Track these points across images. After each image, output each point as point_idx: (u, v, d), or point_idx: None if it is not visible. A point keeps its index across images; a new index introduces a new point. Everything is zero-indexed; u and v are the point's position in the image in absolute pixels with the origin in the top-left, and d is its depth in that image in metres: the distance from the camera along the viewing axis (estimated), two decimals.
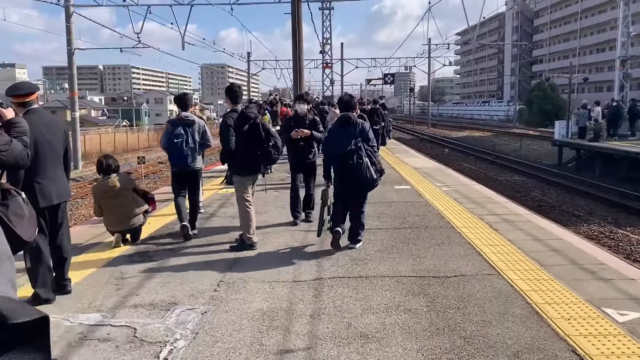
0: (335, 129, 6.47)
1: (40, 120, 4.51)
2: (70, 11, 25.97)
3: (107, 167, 6.37)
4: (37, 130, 4.40)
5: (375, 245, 6.34)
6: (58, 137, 4.65)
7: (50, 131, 4.57)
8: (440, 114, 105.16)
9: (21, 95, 4.47)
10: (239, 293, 4.81)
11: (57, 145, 4.63)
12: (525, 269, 5.28)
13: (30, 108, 4.51)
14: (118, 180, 6.36)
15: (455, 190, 10.17)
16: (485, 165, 25.56)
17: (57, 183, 4.64)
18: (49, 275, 4.69)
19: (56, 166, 4.65)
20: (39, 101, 4.71)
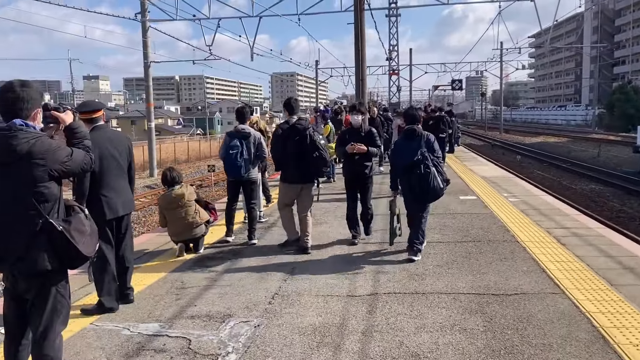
0: (401, 141, 6.65)
1: (104, 136, 4.75)
2: (147, 26, 27.10)
3: (171, 179, 6.58)
4: (102, 145, 4.65)
5: (435, 260, 6.20)
6: (122, 151, 4.86)
7: (113, 146, 4.79)
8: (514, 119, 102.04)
9: (88, 112, 4.73)
10: (293, 306, 4.83)
11: (121, 159, 4.84)
12: (593, 289, 5.01)
13: (96, 125, 4.75)
14: (181, 191, 6.55)
15: (523, 201, 9.81)
16: (559, 173, 24.51)
17: (122, 195, 4.84)
18: (113, 285, 4.88)
19: (121, 179, 4.86)
20: (104, 118, 4.93)
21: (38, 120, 3.03)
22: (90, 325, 4.55)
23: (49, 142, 2.92)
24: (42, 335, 3.00)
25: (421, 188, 6.15)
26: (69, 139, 3.08)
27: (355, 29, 11.30)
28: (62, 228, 2.90)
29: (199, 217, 6.63)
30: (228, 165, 7.10)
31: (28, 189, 2.85)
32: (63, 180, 3.07)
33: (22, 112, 2.92)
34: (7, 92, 2.92)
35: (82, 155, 3.09)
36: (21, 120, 2.88)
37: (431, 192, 6.16)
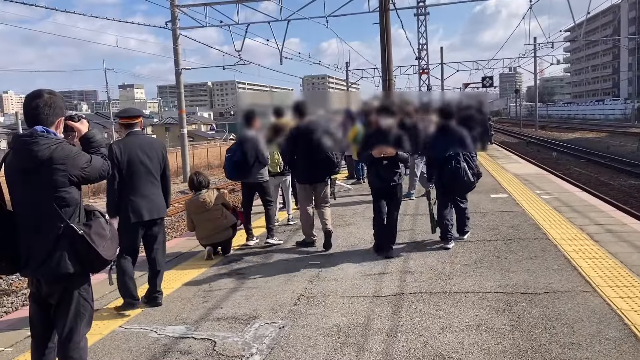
0: (436, 135, 6.89)
1: (135, 142, 4.87)
2: (177, 34, 27.53)
3: (198, 183, 6.67)
4: (132, 152, 4.82)
5: (463, 259, 6.12)
6: (153, 158, 4.96)
7: (144, 152, 4.89)
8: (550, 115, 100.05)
9: (127, 118, 4.89)
10: (318, 308, 4.83)
11: (152, 165, 4.95)
12: (626, 286, 4.86)
13: (132, 130, 4.89)
14: (208, 196, 6.63)
15: (557, 198, 9.60)
16: (597, 168, 23.89)
17: (150, 201, 4.94)
18: (132, 284, 5.04)
19: (150, 185, 4.95)
20: (141, 125, 5.07)
21: (60, 129, 3.11)
22: (119, 328, 4.65)
23: (69, 148, 2.99)
24: (67, 337, 3.07)
25: (451, 182, 6.62)
26: (85, 148, 3.15)
27: (380, 28, 11.26)
28: (83, 232, 2.97)
29: (226, 221, 6.70)
30: (224, 167, 7.37)
31: (49, 194, 2.92)
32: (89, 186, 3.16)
33: (46, 120, 3.00)
34: (34, 99, 3.01)
35: (101, 162, 3.16)
36: (42, 127, 2.96)
37: (461, 186, 6.68)
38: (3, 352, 4.31)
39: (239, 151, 7.01)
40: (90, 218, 3.15)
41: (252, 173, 7.12)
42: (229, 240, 6.84)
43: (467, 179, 6.56)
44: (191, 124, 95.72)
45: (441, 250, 6.55)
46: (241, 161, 6.98)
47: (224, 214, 6.71)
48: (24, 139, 2.92)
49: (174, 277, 6.09)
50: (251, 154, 7.02)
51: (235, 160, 7.00)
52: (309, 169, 6.99)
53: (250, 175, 7.12)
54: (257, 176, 7.23)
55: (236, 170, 7.05)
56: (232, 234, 6.85)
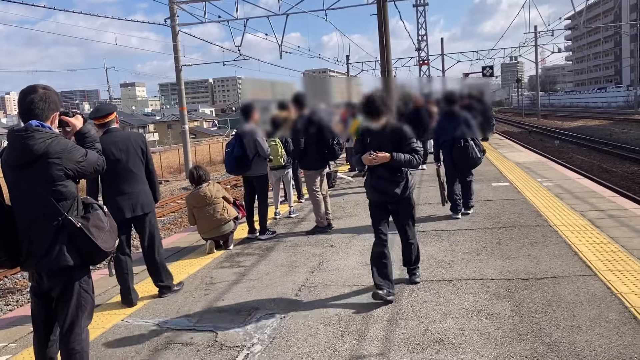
0: (442, 120, 7.59)
1: (109, 139, 4.81)
2: (176, 30, 27.49)
3: (198, 177, 6.68)
4: (106, 150, 4.76)
5: (464, 247, 6.13)
6: (130, 153, 4.90)
7: (118, 148, 4.84)
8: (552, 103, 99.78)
9: (100, 117, 4.85)
10: (319, 298, 4.85)
11: (129, 161, 4.90)
12: (627, 269, 4.86)
13: (107, 128, 4.87)
14: (209, 189, 6.64)
15: (558, 185, 9.58)
16: (600, 156, 23.83)
17: (131, 198, 4.91)
18: (130, 281, 5.07)
19: (129, 182, 4.92)
20: (117, 121, 5.04)
21: (55, 124, 3.12)
22: (121, 321, 4.67)
23: (65, 142, 3.00)
24: (68, 329, 3.09)
25: (461, 158, 7.45)
26: (80, 143, 3.16)
27: (378, 19, 11.22)
28: (81, 225, 2.99)
29: (227, 214, 6.71)
30: (224, 162, 7.43)
31: (46, 188, 2.94)
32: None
33: (41, 114, 3.01)
34: (28, 94, 3.02)
35: (96, 157, 3.17)
36: (37, 121, 2.97)
37: (471, 161, 7.54)
38: (7, 347, 4.34)
39: (238, 145, 7.02)
40: (88, 211, 3.17)
41: (252, 167, 7.13)
42: (230, 234, 6.86)
43: (474, 154, 7.43)
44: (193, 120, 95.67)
45: (445, 231, 6.55)
46: (241, 155, 6.99)
47: (225, 207, 6.72)
48: (19, 134, 2.93)
49: (176, 271, 6.09)
50: (250, 148, 7.04)
51: (235, 155, 7.02)
52: (318, 156, 7.36)
53: (250, 169, 7.14)
54: (256, 170, 7.24)
55: (236, 165, 7.06)
56: (233, 227, 6.86)
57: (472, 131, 7.41)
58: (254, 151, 7.08)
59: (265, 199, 7.48)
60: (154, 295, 5.26)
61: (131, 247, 5.26)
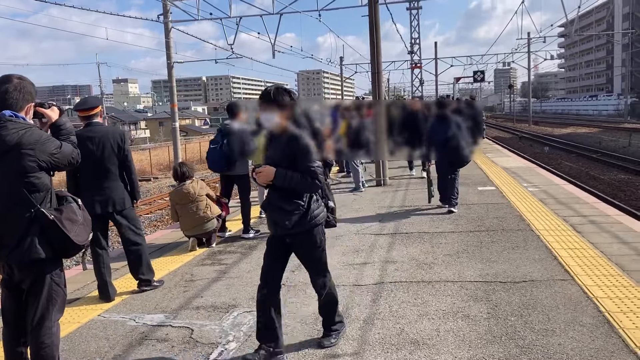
0: (435, 122, 7.83)
1: (87, 134, 4.79)
2: (169, 27, 27.39)
3: (182, 174, 6.66)
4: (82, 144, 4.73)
5: (445, 249, 6.15)
6: (106, 149, 4.87)
7: (94, 143, 4.82)
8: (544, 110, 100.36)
9: (85, 110, 4.82)
10: (298, 296, 4.84)
11: (104, 157, 4.87)
12: (604, 274, 4.90)
13: (90, 122, 4.84)
14: (192, 186, 6.62)
15: (543, 190, 9.64)
16: (588, 163, 23.99)
17: (104, 193, 4.89)
18: (107, 275, 5.03)
19: (102, 178, 4.90)
20: (102, 114, 5.02)
21: (30, 114, 3.10)
22: (98, 316, 4.65)
23: (38, 133, 2.98)
24: (38, 322, 3.07)
25: (453, 157, 8.04)
26: (55, 136, 3.13)
27: (369, 21, 11.24)
28: (54, 217, 2.97)
29: (210, 212, 6.69)
30: (208, 159, 7.28)
31: (19, 179, 2.91)
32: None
33: (16, 104, 2.99)
34: (3, 84, 2.99)
35: (70, 149, 3.15)
36: (11, 111, 2.95)
37: (461, 159, 8.23)
38: None
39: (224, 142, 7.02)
40: (62, 203, 3.15)
41: (236, 165, 7.14)
42: (213, 232, 6.84)
43: (465, 154, 8.08)
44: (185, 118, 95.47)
45: (428, 234, 6.57)
46: (228, 152, 6.99)
47: (208, 204, 6.71)
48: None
49: (157, 267, 6.06)
50: (237, 146, 7.03)
51: (224, 151, 7.01)
52: None
53: (234, 167, 7.14)
54: (239, 169, 7.25)
55: (221, 162, 7.06)
56: (216, 225, 6.85)
57: (463, 133, 7.89)
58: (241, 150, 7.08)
59: (247, 197, 7.47)
60: (132, 290, 5.24)
61: (109, 242, 5.23)
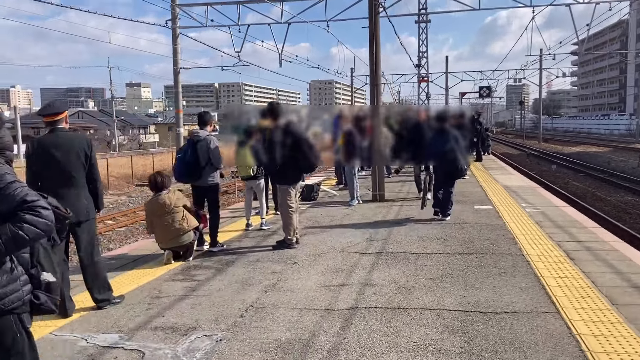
0: (434, 135, 8.42)
1: (51, 140, 4.58)
2: (177, 33, 27.36)
3: (157, 184, 6.41)
4: (45, 150, 4.58)
5: (429, 272, 5.84)
6: (71, 157, 4.63)
7: (58, 150, 4.59)
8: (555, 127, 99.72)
9: (48, 115, 4.59)
10: (264, 320, 4.56)
11: (68, 165, 4.63)
12: (592, 308, 4.57)
13: (55, 127, 4.61)
14: (169, 197, 6.37)
15: (542, 212, 9.30)
16: (595, 183, 23.55)
17: (67, 203, 4.61)
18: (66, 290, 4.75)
19: (67, 186, 4.64)
20: (67, 120, 4.78)
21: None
22: (49, 334, 4.39)
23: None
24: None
25: (450, 169, 8.61)
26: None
27: (369, 34, 11.00)
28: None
29: (187, 224, 6.43)
30: (173, 168, 7.06)
31: None
32: None
33: None
34: None
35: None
36: None
37: (457, 172, 8.71)
38: None
39: (191, 152, 6.78)
40: None
41: (203, 176, 6.90)
42: (190, 245, 6.57)
43: (460, 166, 8.65)
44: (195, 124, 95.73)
45: (414, 254, 6.27)
46: (193, 162, 6.76)
47: (185, 216, 6.45)
48: None
49: (126, 281, 5.83)
50: (204, 156, 6.80)
51: (187, 161, 6.78)
52: (294, 169, 7.09)
53: (202, 178, 6.90)
54: (207, 180, 7.01)
55: (186, 171, 6.82)
56: (193, 237, 6.58)
57: (460, 147, 8.39)
58: (207, 159, 6.85)
59: (216, 209, 7.22)
60: (93, 307, 4.98)
61: (69, 255, 4.98)
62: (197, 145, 6.85)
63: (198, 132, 7.03)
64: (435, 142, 8.42)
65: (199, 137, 6.93)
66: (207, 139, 6.96)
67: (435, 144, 8.41)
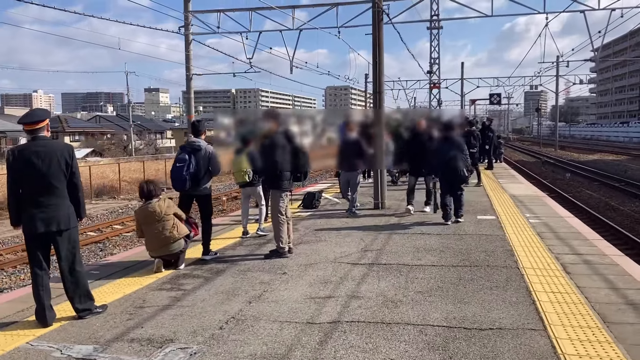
0: (440, 143, 9.25)
1: (32, 148, 4.56)
2: (189, 39, 27.51)
3: (148, 192, 6.37)
4: (26, 158, 4.55)
5: (420, 285, 5.72)
6: (52, 165, 4.59)
7: (39, 158, 4.55)
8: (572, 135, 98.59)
9: (29, 123, 4.57)
10: (242, 333, 4.47)
11: (49, 173, 4.59)
12: (581, 326, 4.42)
13: (35, 135, 4.59)
14: (159, 205, 6.33)
15: (545, 223, 9.11)
16: (610, 192, 23.13)
17: (47, 211, 4.61)
18: (43, 296, 4.72)
19: (47, 194, 4.61)
20: (48, 128, 4.76)
21: None
22: (25, 344, 4.34)
23: None
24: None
25: (451, 176, 9.16)
26: None
27: (373, 42, 10.90)
28: None
29: (177, 232, 6.38)
30: (173, 178, 6.92)
31: None
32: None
33: None
34: None
35: None
36: None
37: (458, 179, 9.20)
38: None
39: (194, 161, 6.75)
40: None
41: (200, 184, 6.87)
42: (180, 252, 6.52)
43: (463, 174, 9.16)
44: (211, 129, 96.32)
45: (407, 266, 6.15)
46: (195, 172, 6.74)
47: (175, 224, 6.40)
48: None
49: (113, 290, 5.79)
50: (204, 164, 6.78)
51: (191, 171, 6.75)
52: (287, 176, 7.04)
53: (199, 186, 6.87)
54: (202, 187, 6.98)
55: (190, 181, 6.79)
56: (184, 245, 6.53)
57: (463, 154, 9.14)
58: (206, 167, 6.82)
59: (209, 218, 7.18)
60: (74, 316, 4.93)
61: (50, 263, 4.94)
62: (197, 154, 6.85)
63: (197, 141, 7.00)
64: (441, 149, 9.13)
65: (199, 146, 6.91)
66: (206, 147, 6.96)
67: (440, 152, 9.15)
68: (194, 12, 27.79)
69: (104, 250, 14.38)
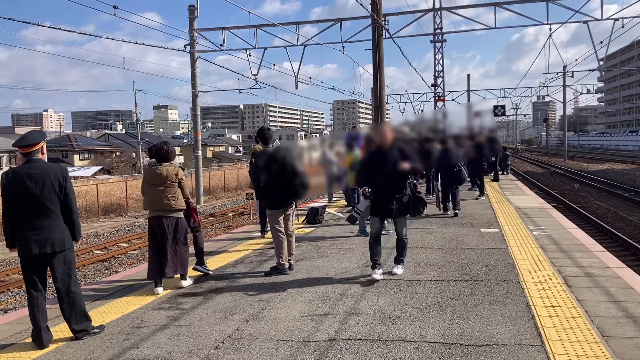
0: None
1: (26, 170, 4.60)
2: (195, 57, 27.80)
3: (164, 152, 6.40)
4: (20, 181, 4.59)
5: (419, 300, 5.68)
6: (46, 187, 4.62)
7: (33, 181, 4.59)
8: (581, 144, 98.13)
9: (25, 147, 4.62)
10: (238, 353, 4.46)
11: (43, 195, 4.62)
12: (579, 341, 4.37)
13: (30, 158, 4.63)
14: (167, 170, 6.36)
15: (549, 235, 9.05)
16: (618, 202, 22.96)
17: (42, 233, 4.64)
18: (39, 318, 4.72)
19: (41, 216, 4.64)
20: (43, 150, 4.80)
21: None
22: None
23: None
24: None
25: (454, 178, 11.68)
26: None
27: (373, 57, 10.96)
28: None
29: (176, 203, 6.38)
30: None
31: None
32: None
33: None
34: None
35: None
36: None
37: (458, 180, 11.75)
38: None
39: None
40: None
41: None
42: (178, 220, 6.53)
43: (463, 176, 11.89)
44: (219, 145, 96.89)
45: (407, 281, 6.12)
46: None
47: (177, 194, 6.39)
48: None
49: (112, 310, 5.80)
50: None
51: None
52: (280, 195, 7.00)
53: None
54: None
55: None
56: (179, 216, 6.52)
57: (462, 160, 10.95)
58: None
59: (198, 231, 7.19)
60: (71, 337, 4.94)
61: (46, 285, 4.95)
62: None
63: None
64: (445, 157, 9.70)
65: None
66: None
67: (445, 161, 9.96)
68: (199, 30, 28.11)
69: (109, 268, 14.43)
